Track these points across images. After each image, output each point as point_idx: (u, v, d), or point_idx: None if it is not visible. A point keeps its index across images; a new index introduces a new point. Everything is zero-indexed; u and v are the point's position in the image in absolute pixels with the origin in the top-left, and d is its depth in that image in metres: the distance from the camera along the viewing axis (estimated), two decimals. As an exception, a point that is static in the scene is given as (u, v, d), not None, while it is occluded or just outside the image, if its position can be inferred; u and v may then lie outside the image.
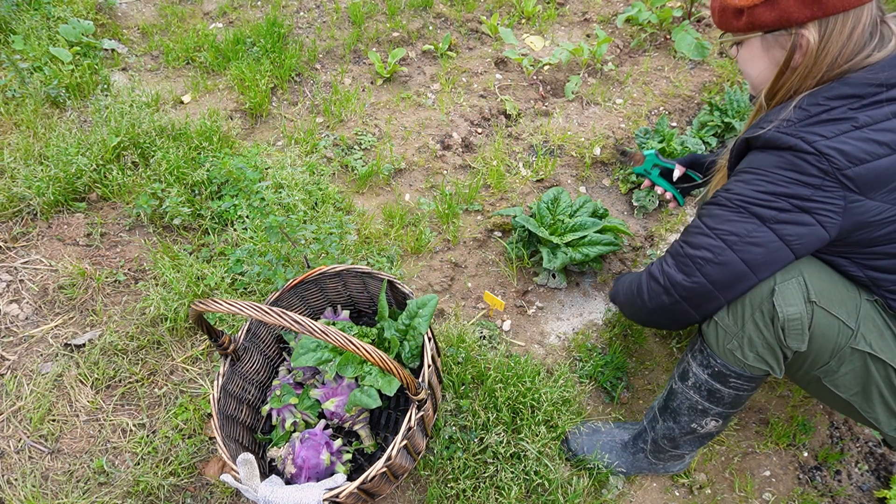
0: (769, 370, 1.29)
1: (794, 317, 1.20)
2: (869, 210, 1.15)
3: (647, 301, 1.40)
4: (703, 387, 1.39)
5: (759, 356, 1.27)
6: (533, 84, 2.83)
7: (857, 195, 1.13)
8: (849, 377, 1.26)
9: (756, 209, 1.21)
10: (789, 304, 1.20)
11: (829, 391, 1.30)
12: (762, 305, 1.23)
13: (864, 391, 1.27)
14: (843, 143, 1.12)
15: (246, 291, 2.04)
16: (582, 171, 2.47)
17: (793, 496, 1.70)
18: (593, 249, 2.00)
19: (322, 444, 1.54)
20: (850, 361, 1.24)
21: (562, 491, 1.63)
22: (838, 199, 1.14)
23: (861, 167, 1.11)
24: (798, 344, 1.22)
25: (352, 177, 2.44)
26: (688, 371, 1.42)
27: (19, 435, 1.76)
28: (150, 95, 2.68)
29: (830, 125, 1.14)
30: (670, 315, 1.38)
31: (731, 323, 1.28)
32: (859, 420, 1.36)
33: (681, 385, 1.45)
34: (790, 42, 1.20)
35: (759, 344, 1.26)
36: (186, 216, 2.22)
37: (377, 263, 2.12)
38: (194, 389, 1.86)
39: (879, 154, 1.11)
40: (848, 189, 1.13)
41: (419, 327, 1.55)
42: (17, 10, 2.97)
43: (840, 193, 1.13)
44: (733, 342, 1.29)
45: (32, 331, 1.97)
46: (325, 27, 3.12)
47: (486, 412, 1.72)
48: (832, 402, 1.37)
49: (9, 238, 2.20)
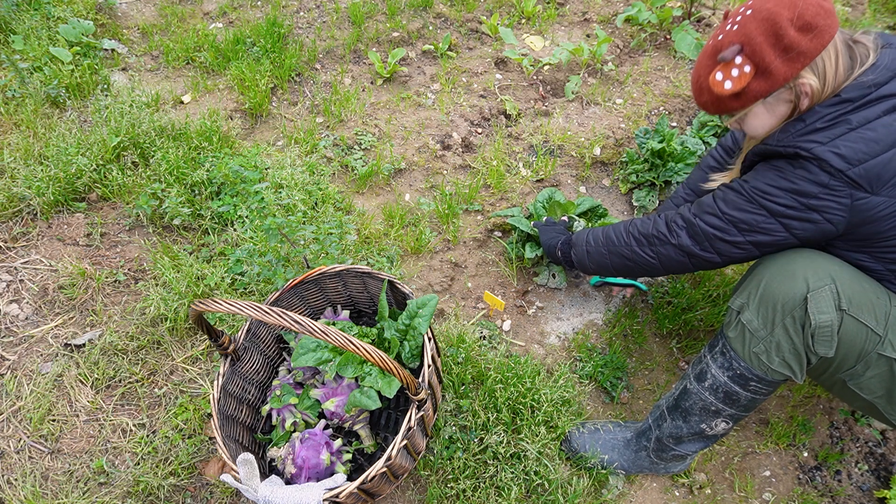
0: (791, 375, 1.30)
1: (826, 324, 1.21)
2: (875, 206, 1.19)
3: (648, 247, 1.54)
4: (721, 389, 1.40)
5: (785, 361, 1.28)
6: (533, 84, 2.83)
7: (863, 192, 1.19)
8: (874, 381, 1.27)
9: (767, 203, 1.29)
10: (822, 311, 1.21)
11: (853, 393, 1.32)
12: (794, 311, 1.24)
13: (888, 394, 1.29)
14: (839, 147, 1.17)
15: (246, 291, 2.04)
16: (582, 171, 2.47)
17: (793, 496, 1.70)
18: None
19: (322, 444, 1.54)
20: (876, 366, 1.25)
21: (562, 491, 1.63)
22: (844, 198, 1.20)
23: (861, 167, 1.17)
24: (826, 350, 1.23)
25: (352, 177, 2.44)
26: (706, 372, 1.42)
27: (19, 435, 1.76)
28: (150, 95, 2.68)
29: (826, 131, 1.20)
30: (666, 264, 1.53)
31: (759, 326, 1.29)
32: (881, 420, 1.38)
33: (696, 385, 1.45)
34: (793, 94, 1.27)
35: (786, 349, 1.27)
36: (186, 216, 2.22)
37: (377, 263, 2.12)
38: (194, 389, 1.86)
39: (877, 151, 1.16)
40: (854, 187, 1.18)
41: (419, 327, 1.55)
42: (17, 10, 2.96)
43: (847, 192, 1.19)
44: (760, 346, 1.29)
45: (32, 331, 1.97)
46: (325, 27, 3.12)
47: (486, 412, 1.72)
48: (855, 403, 1.39)
49: (9, 238, 2.20)
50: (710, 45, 1.33)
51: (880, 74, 1.20)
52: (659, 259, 1.54)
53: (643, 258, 1.57)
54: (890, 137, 1.16)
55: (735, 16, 1.28)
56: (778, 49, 1.21)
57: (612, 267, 1.69)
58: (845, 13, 3.14)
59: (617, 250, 1.64)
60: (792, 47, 1.20)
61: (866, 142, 1.16)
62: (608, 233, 1.68)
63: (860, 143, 1.17)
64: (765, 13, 1.22)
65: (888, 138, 1.16)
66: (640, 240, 1.57)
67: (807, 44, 1.20)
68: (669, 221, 1.51)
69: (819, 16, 1.19)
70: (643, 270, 1.62)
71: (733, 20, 1.28)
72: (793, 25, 1.19)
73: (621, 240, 1.62)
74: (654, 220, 1.55)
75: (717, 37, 1.30)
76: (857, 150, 1.16)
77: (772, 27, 1.20)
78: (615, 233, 1.66)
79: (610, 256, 1.67)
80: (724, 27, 1.30)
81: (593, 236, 1.73)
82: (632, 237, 1.59)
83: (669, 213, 1.54)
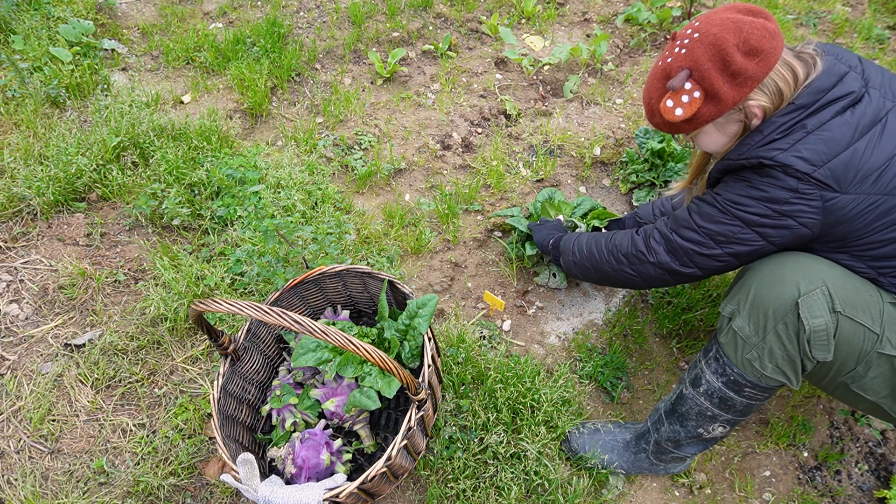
0: (786, 382, 1.29)
1: (821, 328, 1.20)
2: (846, 204, 1.21)
3: (628, 266, 1.55)
4: (716, 394, 1.39)
5: (778, 367, 1.27)
6: (533, 84, 2.83)
7: (832, 192, 1.20)
8: (877, 381, 1.26)
9: (741, 213, 1.30)
10: (815, 315, 1.20)
11: (857, 395, 1.31)
12: (786, 318, 1.22)
13: (893, 393, 1.27)
14: (801, 151, 1.20)
15: (246, 291, 2.04)
16: (582, 171, 2.47)
17: (793, 496, 1.70)
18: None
19: (322, 444, 1.54)
20: (877, 366, 1.24)
21: (562, 491, 1.63)
22: (815, 200, 1.21)
23: (825, 167, 1.19)
24: (824, 354, 1.22)
25: (351, 177, 2.44)
26: (700, 378, 1.42)
27: (19, 435, 1.76)
28: (150, 95, 2.68)
29: (785, 138, 1.23)
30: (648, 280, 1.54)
31: (751, 333, 1.28)
32: (889, 421, 1.37)
33: (692, 391, 1.45)
34: (743, 114, 1.30)
35: (779, 356, 1.26)
36: (186, 216, 2.22)
37: (377, 263, 2.12)
38: (194, 389, 1.86)
39: (836, 151, 1.19)
40: (823, 188, 1.20)
41: (419, 327, 1.55)
42: (17, 10, 2.96)
43: (816, 194, 1.21)
44: (753, 352, 1.28)
45: (32, 331, 1.97)
46: (325, 27, 3.12)
47: (486, 412, 1.72)
48: (860, 405, 1.37)
49: (9, 238, 2.20)
50: (658, 66, 1.34)
51: (824, 80, 1.23)
52: (640, 276, 1.55)
53: (624, 275, 1.59)
54: (846, 136, 1.19)
55: (682, 38, 1.30)
56: (726, 75, 1.23)
57: (596, 280, 1.72)
58: (845, 13, 3.14)
59: (599, 266, 1.66)
60: (739, 73, 1.22)
61: (825, 142, 1.19)
62: (591, 247, 1.69)
63: (819, 144, 1.19)
64: (711, 38, 1.24)
65: (844, 137, 1.19)
66: (620, 258, 1.58)
67: (754, 68, 1.22)
68: (648, 238, 1.51)
69: (764, 39, 1.22)
70: (626, 285, 1.65)
71: (681, 42, 1.29)
72: (739, 51, 1.22)
73: (602, 256, 1.64)
74: (632, 238, 1.56)
75: (667, 59, 1.32)
76: (818, 151, 1.19)
77: (719, 53, 1.23)
78: (597, 248, 1.67)
79: (594, 270, 1.69)
80: (671, 49, 1.31)
81: (578, 247, 1.74)
82: (612, 255, 1.61)
83: (647, 227, 1.54)
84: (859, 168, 1.19)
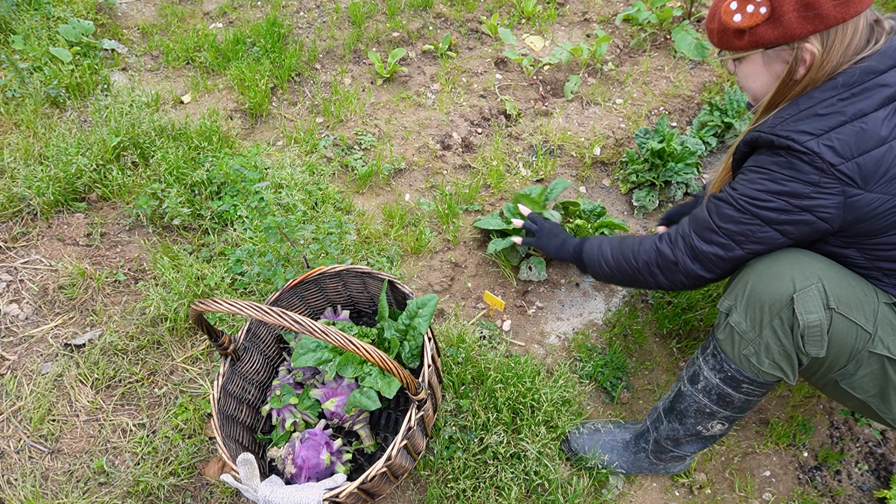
0: (783, 377, 1.29)
1: (815, 324, 1.19)
2: (869, 202, 1.17)
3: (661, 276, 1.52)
4: (714, 391, 1.39)
5: (775, 363, 1.27)
6: (533, 84, 2.83)
7: (855, 188, 1.16)
8: (866, 380, 1.26)
9: (760, 212, 1.26)
10: (810, 311, 1.19)
11: (845, 393, 1.31)
12: (781, 313, 1.22)
13: (881, 393, 1.27)
14: (832, 140, 1.15)
15: (246, 291, 2.04)
16: (582, 171, 2.47)
17: (793, 496, 1.70)
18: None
19: (322, 444, 1.54)
20: (867, 364, 1.24)
21: (562, 491, 1.63)
22: (837, 195, 1.17)
23: (853, 161, 1.14)
24: (817, 350, 1.22)
25: (352, 177, 2.44)
26: (698, 374, 1.42)
27: (19, 435, 1.76)
28: (150, 95, 2.68)
29: (819, 120, 1.17)
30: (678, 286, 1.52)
31: (748, 329, 1.27)
32: (875, 419, 1.37)
33: (690, 388, 1.45)
34: (793, 56, 1.22)
35: (776, 351, 1.26)
36: (186, 216, 2.22)
37: (377, 263, 2.12)
38: (194, 389, 1.86)
39: (870, 147, 1.14)
40: (846, 184, 1.16)
41: (419, 327, 1.55)
42: (17, 10, 2.96)
43: (839, 189, 1.17)
44: (749, 348, 1.28)
45: (32, 331, 1.97)
46: (325, 27, 3.12)
47: (486, 412, 1.72)
48: (848, 403, 1.37)
49: (9, 238, 2.20)
50: None
51: (880, 62, 1.16)
52: (671, 283, 1.52)
53: (658, 284, 1.55)
54: (882, 132, 1.14)
55: None
56: (799, 3, 1.16)
57: (624, 286, 1.77)
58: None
59: (632, 277, 1.60)
60: (813, 6, 1.15)
61: (859, 135, 1.13)
62: (619, 259, 1.63)
63: (853, 136, 1.14)
64: None
65: (882, 132, 1.14)
66: (654, 271, 1.53)
67: (830, 8, 1.14)
68: (673, 248, 1.47)
69: None
70: (653, 289, 1.74)
71: None
72: None
73: (634, 270, 1.58)
74: (658, 249, 1.51)
75: None
76: (849, 143, 1.14)
77: None
78: (625, 260, 1.61)
79: (625, 280, 1.64)
80: None
81: (605, 259, 1.67)
82: (647, 267, 1.55)
83: (671, 232, 1.50)
84: (891, 167, 1.14)
